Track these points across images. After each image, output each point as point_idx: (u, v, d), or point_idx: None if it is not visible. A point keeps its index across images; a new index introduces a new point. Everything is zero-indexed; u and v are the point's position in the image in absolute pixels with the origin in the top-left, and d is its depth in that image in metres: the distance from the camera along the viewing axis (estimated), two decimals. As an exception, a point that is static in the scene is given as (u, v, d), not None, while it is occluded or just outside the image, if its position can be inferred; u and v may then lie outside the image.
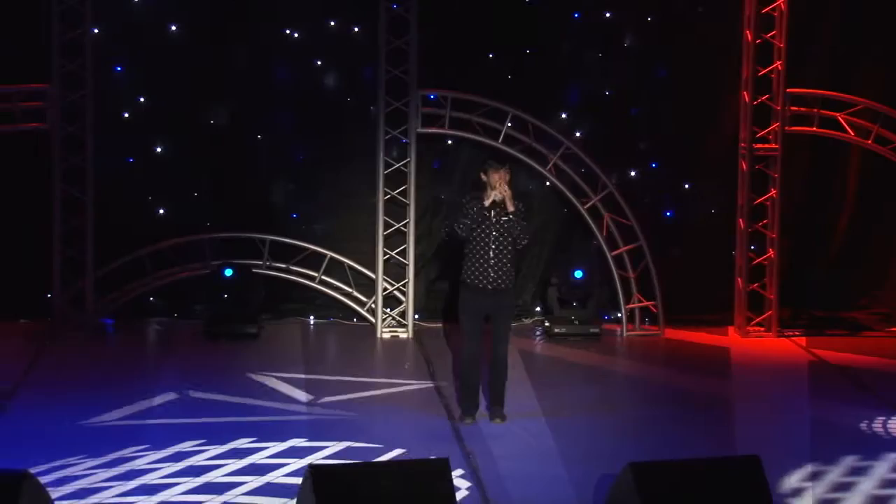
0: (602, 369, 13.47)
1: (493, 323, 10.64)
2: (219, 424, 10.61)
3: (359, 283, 15.14)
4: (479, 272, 10.50)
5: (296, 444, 9.92)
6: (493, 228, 10.45)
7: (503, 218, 10.43)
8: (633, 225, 14.88)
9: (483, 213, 10.46)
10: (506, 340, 10.68)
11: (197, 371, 12.72)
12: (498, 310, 10.58)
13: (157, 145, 14.96)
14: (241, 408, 11.30)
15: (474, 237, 10.49)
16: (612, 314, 15.34)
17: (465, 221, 10.49)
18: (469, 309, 10.58)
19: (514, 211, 10.41)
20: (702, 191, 15.59)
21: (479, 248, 10.48)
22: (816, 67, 15.30)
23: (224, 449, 9.77)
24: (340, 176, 15.16)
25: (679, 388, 12.47)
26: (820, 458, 9.74)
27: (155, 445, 9.79)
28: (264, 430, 10.35)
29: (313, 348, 14.27)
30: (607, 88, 15.41)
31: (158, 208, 15.10)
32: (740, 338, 14.88)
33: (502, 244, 10.48)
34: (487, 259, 10.44)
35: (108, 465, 9.33)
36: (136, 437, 10.11)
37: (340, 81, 15.10)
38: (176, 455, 9.57)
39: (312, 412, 11.18)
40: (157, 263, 14.88)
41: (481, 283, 10.49)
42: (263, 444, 9.89)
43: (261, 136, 15.15)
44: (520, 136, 14.74)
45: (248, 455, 9.65)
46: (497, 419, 10.69)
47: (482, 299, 10.52)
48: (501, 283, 10.51)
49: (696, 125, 15.34)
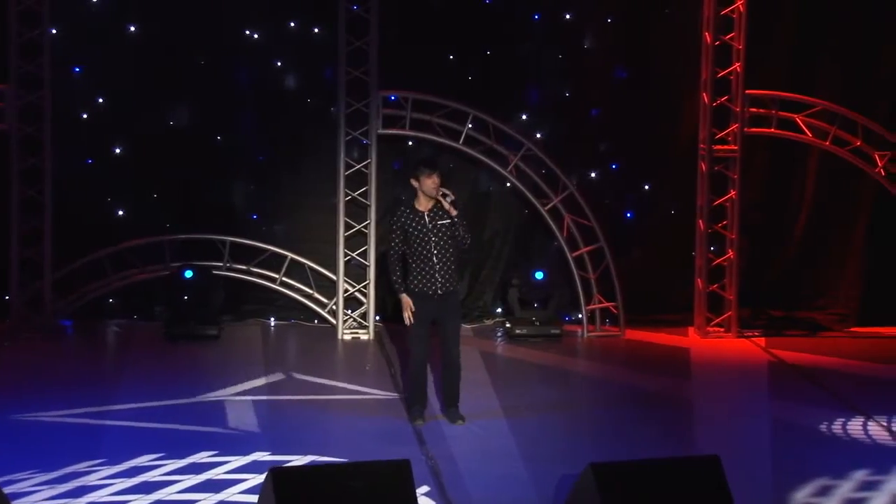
0: (563, 370, 13.43)
1: (441, 326, 10.51)
2: (177, 434, 10.38)
3: (319, 284, 15.12)
4: (426, 279, 10.40)
5: (259, 457, 9.63)
6: (431, 234, 10.33)
7: (440, 222, 10.32)
8: (594, 226, 14.87)
9: (419, 221, 10.35)
10: (457, 341, 10.55)
11: (155, 374, 12.59)
12: (446, 311, 10.48)
13: (116, 146, 14.90)
14: (201, 416, 11.07)
15: (414, 247, 10.36)
16: (573, 315, 15.36)
17: (394, 241, 10.42)
18: (418, 315, 10.41)
19: (457, 214, 10.27)
20: (662, 192, 15.68)
21: (421, 256, 10.36)
22: (775, 69, 15.31)
23: (183, 463, 9.45)
24: (301, 177, 15.14)
25: (639, 388, 12.42)
26: (778, 458, 9.71)
27: (110, 459, 9.42)
28: (225, 443, 10.05)
29: (274, 350, 14.17)
30: (567, 90, 15.48)
31: (117, 209, 15.04)
32: (700, 338, 14.92)
33: (444, 248, 10.37)
34: (432, 266, 10.34)
35: (58, 480, 8.94)
36: (87, 444, 9.89)
37: (301, 82, 15.09)
38: (131, 470, 9.21)
39: (271, 417, 11.01)
40: (117, 265, 14.82)
41: (429, 289, 10.40)
42: (225, 457, 9.60)
43: (221, 136, 15.09)
44: (480, 138, 14.76)
45: (207, 470, 9.34)
46: (459, 420, 10.59)
47: (430, 304, 10.43)
48: (449, 286, 10.44)
49: (655, 127, 15.37)
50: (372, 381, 12.54)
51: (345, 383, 12.49)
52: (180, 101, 14.86)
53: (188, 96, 14.85)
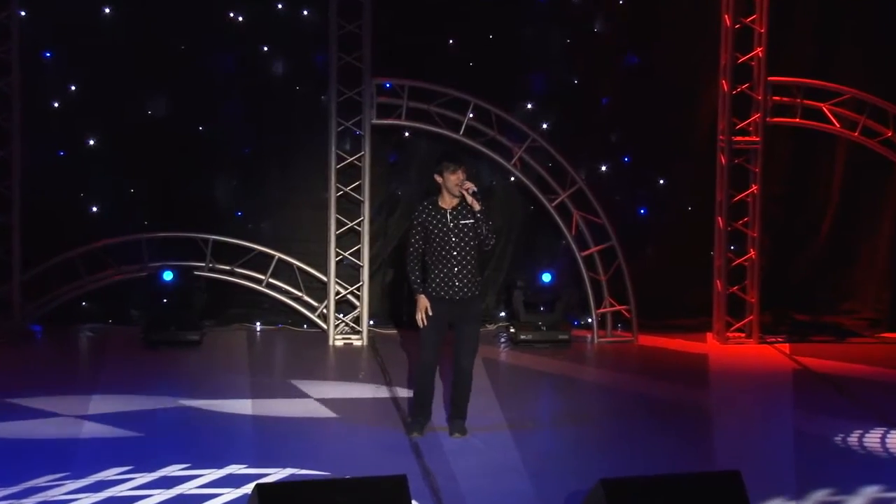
0: (571, 378, 13.39)
1: (457, 332, 10.40)
2: (147, 446, 10.31)
3: (309, 286, 15.04)
4: (444, 282, 10.29)
5: (234, 470, 9.54)
6: (451, 234, 10.24)
7: (462, 221, 10.23)
8: (605, 223, 14.79)
9: (441, 219, 10.27)
10: (473, 352, 10.46)
11: (131, 382, 12.50)
12: (464, 318, 10.35)
13: (90, 137, 14.79)
14: (173, 426, 11.07)
15: (433, 246, 10.25)
16: (582, 319, 15.30)
17: (415, 239, 10.33)
18: (432, 319, 10.28)
19: (481, 210, 10.19)
20: (678, 187, 15.57)
21: (440, 256, 10.26)
22: (799, 54, 15.28)
23: (153, 477, 9.37)
24: (289, 171, 15.03)
25: (654, 398, 12.38)
26: (804, 474, 9.61)
27: (76, 472, 9.36)
28: (198, 455, 9.94)
29: (259, 357, 14.13)
30: (576, 77, 15.35)
31: (92, 205, 14.94)
32: (719, 344, 14.85)
33: (465, 249, 10.26)
34: (451, 268, 10.24)
35: (19, 495, 8.87)
36: (52, 456, 9.84)
37: (289, 69, 14.98)
38: (97, 484, 9.11)
39: (255, 429, 10.94)
40: (91, 265, 14.72)
41: (447, 293, 10.29)
42: (197, 471, 9.51)
43: (203, 127, 15.00)
44: (482, 128, 14.67)
45: (178, 484, 9.25)
46: (457, 433, 10.51)
47: (447, 308, 10.33)
48: (468, 290, 10.32)
49: (671, 116, 15.24)
50: (365, 390, 12.48)
51: (335, 392, 12.44)
52: (159, 88, 14.74)
53: (168, 84, 14.72)
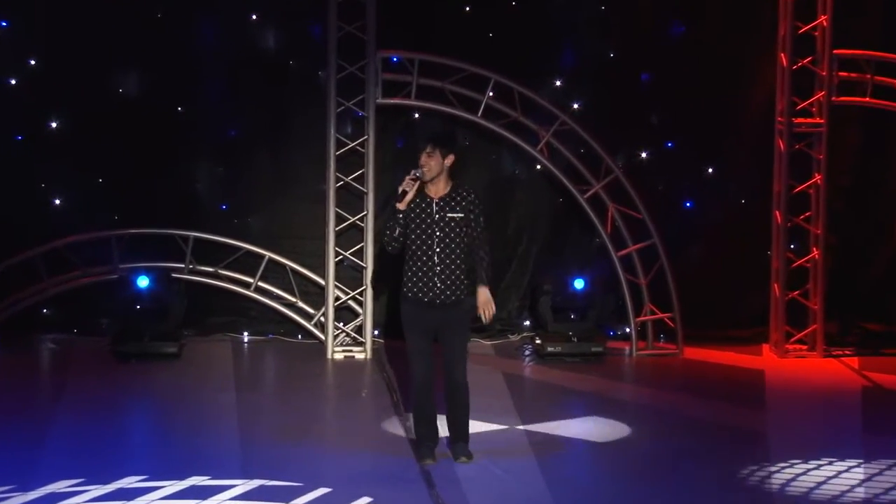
0: (606, 397, 13.30)
1: (442, 342, 10.32)
2: (101, 456, 10.42)
3: (304, 290, 15.23)
4: (422, 283, 10.17)
5: (196, 482, 9.64)
6: (436, 227, 10.10)
7: (450, 214, 10.09)
8: (645, 218, 14.88)
9: (424, 209, 10.12)
10: (461, 362, 10.34)
11: (99, 402, 12.48)
12: (447, 326, 10.25)
13: (52, 119, 14.92)
14: (133, 435, 11.30)
15: (413, 239, 10.14)
16: (619, 329, 15.52)
17: (389, 230, 10.13)
18: (414, 326, 10.23)
19: (470, 202, 10.03)
20: (729, 176, 15.78)
21: (419, 252, 10.15)
22: (869, 23, 15.42)
23: (107, 490, 9.49)
24: (281, 158, 15.18)
25: (701, 421, 12.24)
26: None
27: (22, 485, 9.45)
28: (157, 466, 10.14)
29: (247, 372, 14.13)
30: (611, 49, 15.55)
31: (54, 197, 15.04)
32: (777, 358, 14.99)
33: (450, 247, 10.13)
34: (431, 266, 10.13)
35: None
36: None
37: (281, 41, 15.14)
38: (46, 498, 9.23)
39: (240, 447, 10.89)
40: (53, 266, 14.79)
41: (426, 295, 10.18)
42: (156, 482, 9.60)
43: (182, 108, 15.14)
44: (504, 109, 14.78)
45: (135, 497, 9.37)
46: (462, 458, 10.37)
47: (428, 314, 10.22)
48: (451, 294, 10.20)
49: (721, 95, 15.37)
50: (369, 410, 12.47)
51: (334, 412, 12.65)
52: (132, 63, 14.88)
53: (142, 58, 14.85)
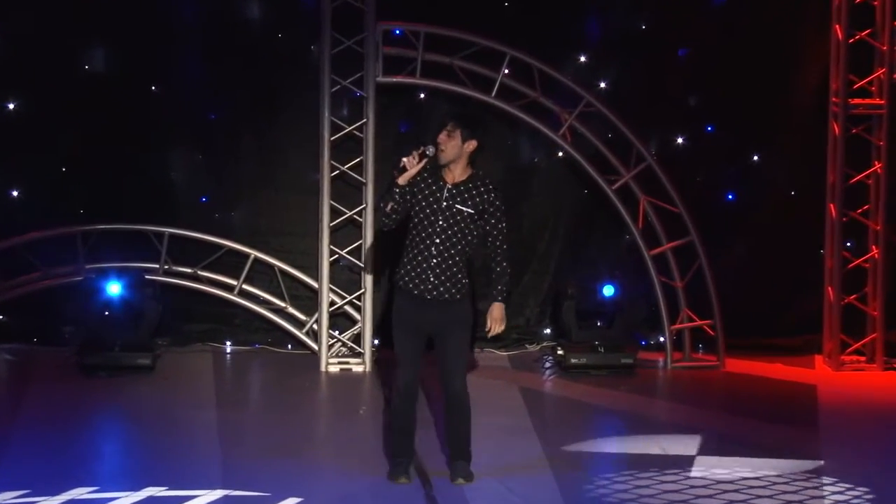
0: (636, 414, 13.17)
1: (437, 349, 10.15)
2: (48, 467, 10.33)
3: (295, 294, 15.12)
4: (415, 272, 10.00)
5: (153, 493, 9.58)
6: (440, 216, 9.91)
7: (459, 206, 9.92)
8: (681, 212, 14.77)
9: (434, 192, 9.96)
10: (460, 370, 10.14)
11: (59, 419, 12.28)
12: (443, 327, 10.05)
13: (10, 100, 14.82)
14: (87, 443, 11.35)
15: (416, 222, 9.97)
16: (652, 338, 15.39)
17: (383, 203, 9.96)
18: (404, 322, 10.07)
19: (488, 201, 9.87)
20: (776, 164, 15.61)
21: (418, 238, 10.02)
22: None
23: (55, 502, 9.41)
24: (268, 143, 15.07)
25: (745, 440, 11.97)
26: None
27: None
28: (108, 476, 10.15)
29: (229, 386, 14.08)
30: (643, 21, 15.39)
31: (11, 189, 14.93)
32: (832, 371, 14.92)
33: (451, 241, 9.97)
34: (427, 257, 9.96)
35: None
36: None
37: (268, 11, 15.01)
38: None
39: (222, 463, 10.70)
40: (10, 267, 14.68)
41: (416, 287, 10.00)
42: (107, 493, 9.53)
43: (156, 87, 15.03)
44: (522, 88, 14.68)
45: None
46: (460, 479, 10.15)
47: (421, 311, 10.06)
48: (445, 292, 10.01)
49: (768, 73, 15.30)
50: (367, 428, 12.29)
51: (328, 431, 12.59)
52: (99, 37, 14.75)
53: (110, 31, 14.68)
